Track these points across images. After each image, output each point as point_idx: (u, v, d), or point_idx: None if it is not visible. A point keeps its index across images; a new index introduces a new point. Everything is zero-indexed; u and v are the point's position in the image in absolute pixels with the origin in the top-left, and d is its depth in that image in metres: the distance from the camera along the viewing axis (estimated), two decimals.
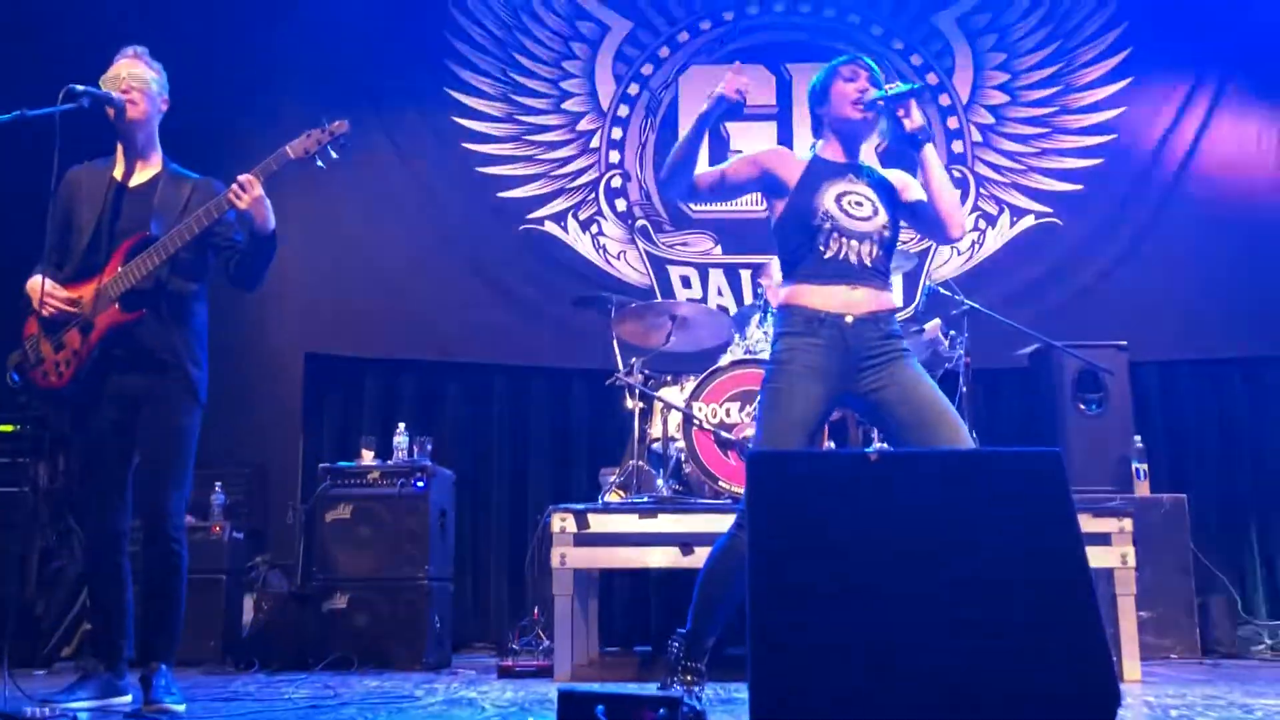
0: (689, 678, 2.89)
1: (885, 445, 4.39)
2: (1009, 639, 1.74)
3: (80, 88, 3.08)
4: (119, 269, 3.17)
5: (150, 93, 3.30)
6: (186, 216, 3.20)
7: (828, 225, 2.89)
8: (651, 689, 2.90)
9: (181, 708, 3.06)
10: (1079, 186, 6.14)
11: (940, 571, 1.81)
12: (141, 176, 3.34)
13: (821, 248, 2.89)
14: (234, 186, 3.14)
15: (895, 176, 3.08)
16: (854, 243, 2.89)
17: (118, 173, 3.34)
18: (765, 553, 1.84)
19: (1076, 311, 5.94)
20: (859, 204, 2.92)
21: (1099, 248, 6.07)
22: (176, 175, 3.37)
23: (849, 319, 2.86)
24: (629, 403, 4.81)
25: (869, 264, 2.90)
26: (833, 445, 4.58)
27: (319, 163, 3.25)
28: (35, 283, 3.21)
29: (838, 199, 2.91)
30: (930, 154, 2.95)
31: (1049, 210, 6.14)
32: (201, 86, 5.19)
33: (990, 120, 6.26)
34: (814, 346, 2.84)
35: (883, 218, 2.94)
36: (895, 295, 3.06)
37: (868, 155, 3.12)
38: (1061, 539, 1.82)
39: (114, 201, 3.29)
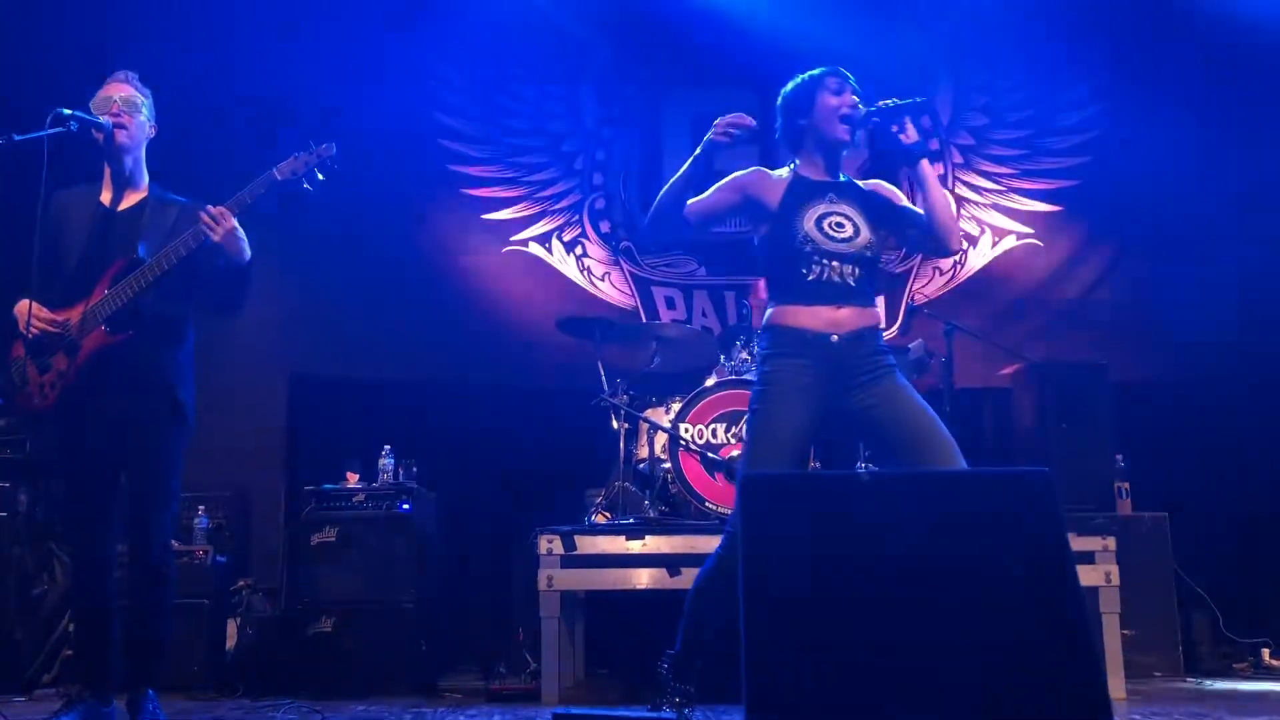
0: (679, 699, 2.89)
1: (870, 465, 4.41)
2: (1001, 658, 1.76)
3: (68, 111, 3.09)
4: (106, 291, 3.16)
5: (139, 118, 3.31)
6: (173, 240, 3.19)
7: (808, 249, 2.90)
8: (641, 711, 2.90)
9: None
10: (1058, 207, 6.21)
11: (933, 591, 1.82)
12: (129, 201, 3.34)
13: (804, 271, 2.91)
14: (205, 218, 3.13)
15: (881, 189, 3.09)
16: (836, 264, 2.90)
17: (105, 197, 3.34)
18: (759, 575, 1.85)
19: (1058, 331, 6.00)
20: (839, 225, 2.93)
21: (1079, 268, 6.13)
22: (163, 199, 3.37)
23: (835, 338, 2.87)
24: (614, 424, 4.82)
25: (852, 284, 2.92)
26: (818, 466, 4.59)
27: (305, 185, 3.26)
28: (21, 306, 3.21)
29: (818, 221, 2.92)
30: (927, 168, 2.95)
31: (1030, 230, 6.20)
32: (185, 105, 5.21)
33: (971, 142, 6.32)
34: (802, 367, 2.86)
35: (865, 237, 2.95)
36: (879, 311, 3.06)
37: (848, 168, 3.14)
38: (1052, 559, 1.84)
39: (101, 226, 3.29)
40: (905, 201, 3.05)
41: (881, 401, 2.84)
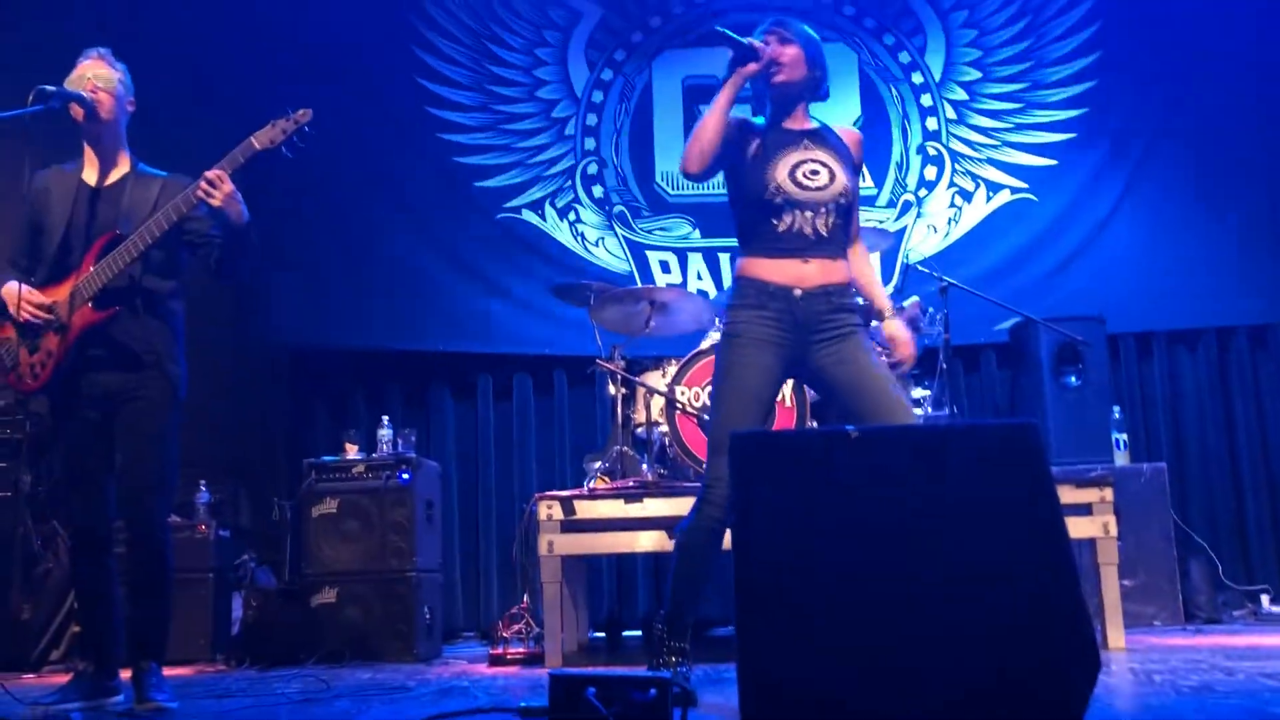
0: (674, 658, 2.90)
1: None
2: (991, 610, 1.76)
3: (50, 88, 3.06)
4: (91, 268, 3.15)
5: (117, 93, 3.29)
6: (156, 214, 3.18)
7: (779, 199, 2.89)
8: (638, 670, 2.92)
9: (174, 705, 3.06)
10: (1053, 161, 6.17)
11: (922, 545, 1.83)
12: (110, 177, 3.32)
13: (774, 221, 2.90)
14: (201, 184, 3.11)
15: (850, 136, 3.09)
16: (808, 214, 2.89)
17: (87, 175, 3.32)
18: (749, 531, 1.86)
19: (1054, 285, 5.99)
20: (814, 173, 2.91)
21: (1074, 221, 6.10)
22: (145, 175, 3.35)
23: (798, 292, 2.87)
24: (611, 389, 4.82)
25: (825, 233, 2.91)
26: (815, 425, 4.59)
27: (285, 152, 3.22)
28: (10, 288, 3.19)
29: (791, 171, 2.90)
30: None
31: (1024, 185, 6.17)
32: (167, 78, 5.17)
33: (964, 97, 6.28)
34: (763, 319, 2.86)
35: (840, 183, 2.93)
36: (847, 266, 3.04)
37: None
38: (1040, 509, 1.84)
39: (83, 203, 3.27)
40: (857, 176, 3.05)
41: (841, 362, 2.85)
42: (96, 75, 3.23)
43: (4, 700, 2.92)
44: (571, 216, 6.20)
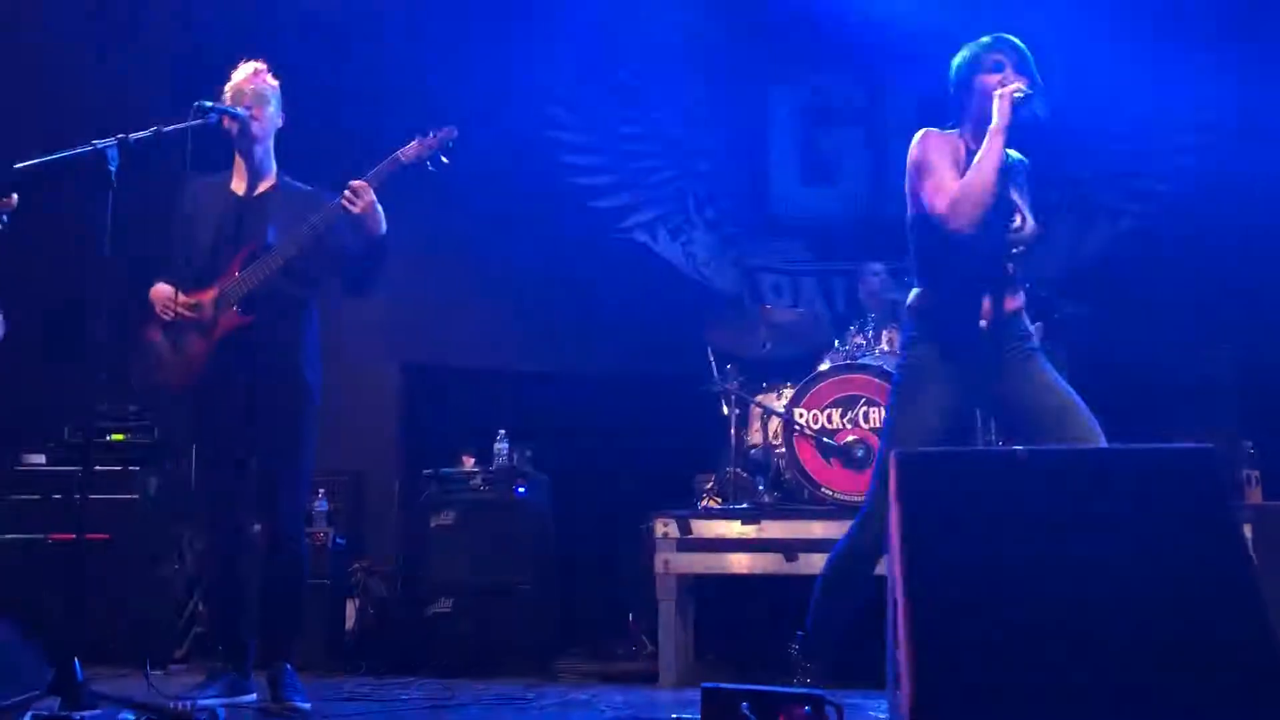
0: (809, 680, 2.87)
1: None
2: (1174, 637, 1.70)
3: (208, 104, 3.18)
4: (238, 274, 3.25)
5: (268, 109, 3.40)
6: (300, 225, 3.27)
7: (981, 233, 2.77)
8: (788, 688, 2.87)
9: (307, 706, 3.12)
10: (1181, 188, 5.99)
11: (1096, 572, 1.78)
12: (258, 189, 3.44)
13: (967, 253, 2.83)
14: (346, 193, 3.20)
15: (1023, 168, 2.97)
16: (1000, 254, 2.84)
17: (236, 185, 3.44)
18: (918, 553, 1.82)
19: (1181, 312, 5.79)
20: (1010, 215, 2.86)
21: (1204, 247, 5.90)
22: (290, 187, 3.46)
23: (983, 323, 2.82)
24: (725, 409, 4.80)
25: (1011, 271, 2.86)
26: None
27: (429, 166, 3.30)
28: (159, 289, 3.32)
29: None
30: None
31: (1149, 210, 6.00)
32: (307, 94, 5.35)
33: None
34: (948, 351, 2.81)
35: (1030, 227, 2.87)
36: (1023, 294, 2.98)
37: None
38: (1222, 536, 1.78)
39: (231, 213, 3.39)
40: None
41: (1024, 383, 2.79)
42: (252, 90, 3.34)
43: (150, 694, 3.00)
44: (684, 238, 6.20)
